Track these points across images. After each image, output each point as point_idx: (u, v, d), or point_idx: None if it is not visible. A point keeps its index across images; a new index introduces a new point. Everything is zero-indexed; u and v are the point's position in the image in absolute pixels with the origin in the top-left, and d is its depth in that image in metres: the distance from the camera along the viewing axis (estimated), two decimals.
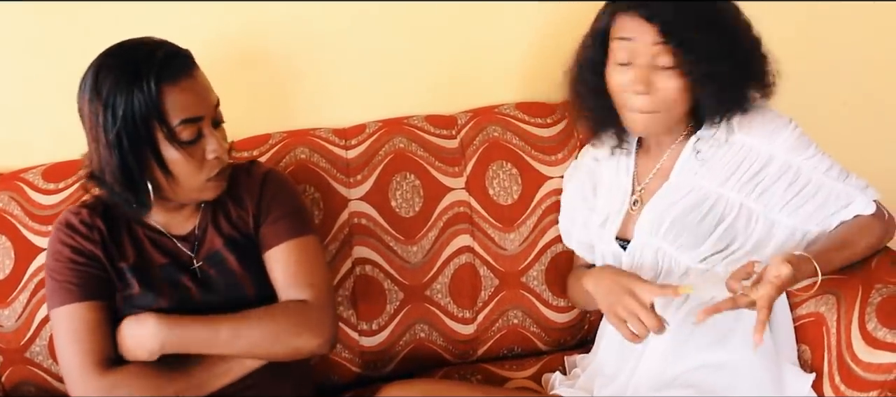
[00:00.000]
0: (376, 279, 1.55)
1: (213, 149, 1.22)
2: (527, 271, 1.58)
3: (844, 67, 1.83)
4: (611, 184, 1.45)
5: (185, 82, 1.19)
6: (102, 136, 1.17)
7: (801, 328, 1.34)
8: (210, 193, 1.27)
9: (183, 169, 1.20)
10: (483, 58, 1.69)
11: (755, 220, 1.29)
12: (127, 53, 1.19)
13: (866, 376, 1.19)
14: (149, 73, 1.15)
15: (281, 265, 1.29)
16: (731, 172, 1.30)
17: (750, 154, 1.30)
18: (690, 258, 1.31)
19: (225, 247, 1.30)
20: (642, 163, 1.43)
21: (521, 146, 1.59)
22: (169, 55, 1.19)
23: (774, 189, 1.29)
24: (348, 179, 1.55)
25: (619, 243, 1.39)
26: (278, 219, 1.31)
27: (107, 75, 1.17)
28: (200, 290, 1.29)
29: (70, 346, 1.21)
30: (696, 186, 1.32)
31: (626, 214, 1.40)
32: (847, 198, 1.30)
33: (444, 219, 1.56)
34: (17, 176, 1.53)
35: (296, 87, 1.66)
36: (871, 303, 1.23)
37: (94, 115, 1.17)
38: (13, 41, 1.54)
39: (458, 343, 1.61)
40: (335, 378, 1.60)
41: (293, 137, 1.59)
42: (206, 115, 1.22)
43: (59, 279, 1.24)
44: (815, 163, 1.30)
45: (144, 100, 1.15)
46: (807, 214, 1.29)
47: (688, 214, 1.30)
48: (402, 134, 1.60)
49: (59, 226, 1.28)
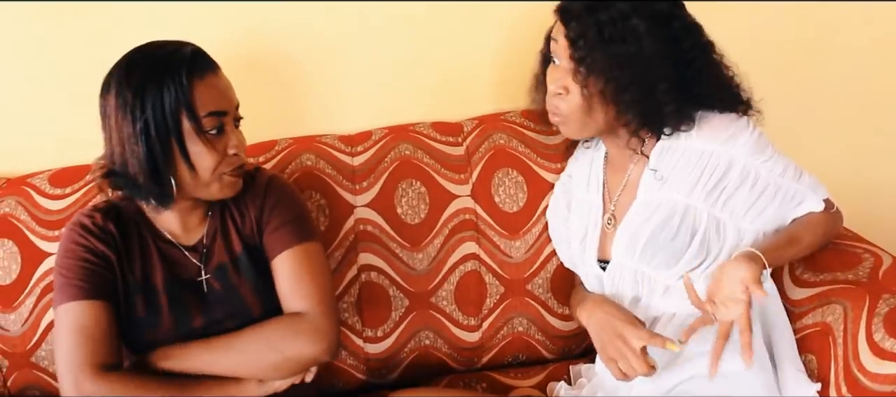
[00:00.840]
0: (382, 286, 1.55)
1: (234, 145, 1.25)
2: (532, 279, 1.58)
3: (845, 68, 1.83)
4: (582, 201, 1.46)
5: (212, 78, 1.23)
6: (129, 127, 1.19)
7: (807, 338, 1.34)
8: (227, 190, 1.28)
9: (205, 162, 1.22)
10: (489, 65, 1.69)
11: (724, 230, 1.30)
12: (156, 51, 1.22)
13: (873, 386, 1.18)
14: (180, 66, 1.19)
15: (282, 273, 1.29)
16: (695, 181, 1.30)
17: (711, 159, 1.30)
18: (668, 276, 1.32)
19: (232, 261, 1.31)
20: (611, 177, 1.43)
21: (527, 153, 1.58)
22: (197, 52, 1.24)
23: (737, 196, 1.29)
24: (354, 186, 1.55)
25: (599, 264, 1.40)
26: (280, 227, 1.31)
27: (136, 69, 1.20)
28: (202, 307, 1.29)
29: (69, 343, 1.21)
30: (663, 200, 1.32)
31: (601, 232, 1.40)
32: (801, 196, 1.34)
33: (450, 226, 1.56)
34: (24, 181, 1.54)
35: (302, 93, 1.66)
36: (878, 314, 1.22)
37: (121, 109, 1.19)
38: (20, 46, 1.54)
39: (463, 350, 1.61)
40: (340, 384, 1.59)
41: (299, 143, 1.59)
42: (230, 112, 1.25)
43: (68, 276, 1.24)
44: (771, 165, 1.31)
45: (176, 92, 1.18)
46: (768, 217, 1.32)
47: (661, 232, 1.30)
48: (408, 141, 1.60)
49: (73, 226, 1.29)
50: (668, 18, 1.25)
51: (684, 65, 1.27)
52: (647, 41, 1.23)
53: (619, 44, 1.22)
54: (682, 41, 1.26)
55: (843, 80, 1.82)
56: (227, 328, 1.27)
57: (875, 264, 1.32)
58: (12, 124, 1.59)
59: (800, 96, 1.54)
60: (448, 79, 1.69)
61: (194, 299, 1.29)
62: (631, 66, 1.23)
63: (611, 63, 1.23)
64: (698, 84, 1.28)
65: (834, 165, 1.46)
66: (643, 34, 1.22)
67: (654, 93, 1.25)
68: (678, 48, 1.26)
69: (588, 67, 1.24)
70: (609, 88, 1.25)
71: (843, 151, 1.84)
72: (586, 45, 1.23)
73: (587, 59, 1.24)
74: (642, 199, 1.34)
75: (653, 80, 1.25)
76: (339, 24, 1.62)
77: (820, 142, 1.34)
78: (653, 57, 1.23)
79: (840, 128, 1.86)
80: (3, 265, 1.47)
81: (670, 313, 1.34)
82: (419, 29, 1.65)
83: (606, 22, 1.22)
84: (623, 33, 1.22)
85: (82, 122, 1.27)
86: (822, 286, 1.34)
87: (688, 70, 1.27)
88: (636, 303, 1.36)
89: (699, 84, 1.28)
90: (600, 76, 1.24)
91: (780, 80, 1.36)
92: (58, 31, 1.54)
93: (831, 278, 1.34)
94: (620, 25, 1.22)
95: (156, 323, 1.27)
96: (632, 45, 1.22)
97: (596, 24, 1.23)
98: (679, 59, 1.26)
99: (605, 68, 1.23)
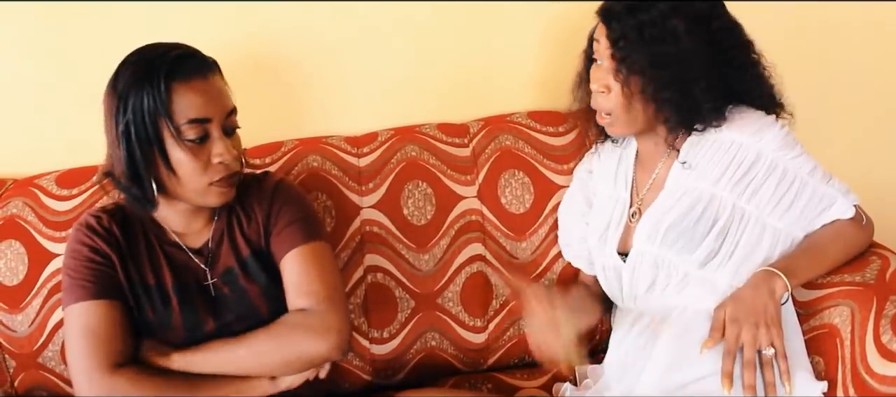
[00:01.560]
0: (388, 287, 1.55)
1: (218, 154, 1.22)
2: (538, 280, 1.57)
3: (845, 69, 1.83)
4: (609, 197, 1.46)
5: (197, 83, 1.20)
6: (113, 129, 1.20)
7: (815, 339, 1.33)
8: (214, 199, 1.26)
9: (187, 169, 1.21)
10: (495, 66, 1.70)
11: (747, 222, 1.30)
12: (145, 52, 1.21)
13: (881, 388, 1.18)
14: (160, 70, 1.17)
15: (290, 273, 1.29)
16: (723, 171, 1.31)
17: (740, 151, 1.31)
18: (688, 263, 1.32)
19: (239, 265, 1.31)
20: (639, 175, 1.44)
21: (533, 155, 1.58)
22: (182, 56, 1.21)
23: (764, 189, 1.30)
24: (360, 187, 1.55)
25: (618, 257, 1.40)
26: (287, 226, 1.31)
27: (125, 71, 1.20)
28: (212, 310, 1.29)
29: (80, 344, 1.21)
30: (689, 188, 1.33)
31: (625, 227, 1.41)
32: (830, 199, 1.33)
33: (456, 227, 1.56)
34: (31, 182, 1.54)
35: (308, 94, 1.66)
36: (885, 315, 1.22)
37: (109, 110, 1.21)
38: (27, 47, 1.55)
39: (469, 351, 1.61)
40: (346, 385, 1.59)
41: (305, 145, 1.59)
42: (216, 119, 1.21)
43: (75, 277, 1.25)
44: (800, 163, 1.32)
45: (154, 96, 1.17)
46: (794, 216, 1.32)
47: (684, 218, 1.31)
48: (414, 142, 1.60)
49: (79, 226, 1.29)
50: (708, 19, 1.28)
51: (724, 64, 1.29)
52: (687, 41, 1.25)
53: (658, 43, 1.24)
54: (722, 41, 1.29)
55: (851, 79, 1.82)
56: (237, 330, 1.27)
57: (882, 266, 1.32)
58: (21, 126, 1.59)
59: (809, 95, 1.53)
60: (454, 80, 1.69)
61: (203, 302, 1.29)
62: (670, 66, 1.25)
63: (650, 62, 1.25)
64: (737, 82, 1.31)
65: (842, 165, 1.45)
66: (682, 34, 1.25)
67: (693, 91, 1.27)
68: (718, 48, 1.28)
69: (628, 67, 1.26)
70: (649, 87, 1.27)
71: (851, 151, 1.84)
72: (627, 46, 1.26)
73: (627, 59, 1.26)
74: (668, 189, 1.35)
75: (691, 79, 1.27)
76: (345, 26, 1.62)
77: (829, 141, 1.34)
78: (692, 57, 1.26)
79: (848, 127, 1.86)
80: (10, 266, 1.47)
81: (682, 306, 1.33)
82: (425, 30, 1.65)
83: (647, 22, 1.24)
84: (662, 33, 1.24)
85: (90, 124, 1.28)
86: (829, 288, 1.34)
87: (727, 69, 1.29)
88: (651, 293, 1.36)
89: (738, 82, 1.31)
90: (640, 75, 1.27)
91: (789, 79, 1.36)
92: (65, 32, 1.54)
93: (838, 280, 1.33)
94: (660, 26, 1.24)
95: (167, 324, 1.27)
96: (671, 46, 1.25)
97: (636, 24, 1.25)
98: (718, 58, 1.28)
99: (645, 68, 1.26)
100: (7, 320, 1.47)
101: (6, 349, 1.49)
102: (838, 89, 1.82)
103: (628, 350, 1.39)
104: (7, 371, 1.50)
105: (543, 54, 1.68)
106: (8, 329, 1.48)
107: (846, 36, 1.79)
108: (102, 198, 1.47)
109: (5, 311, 1.47)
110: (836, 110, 1.83)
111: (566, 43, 1.61)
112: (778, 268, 1.26)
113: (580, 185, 1.54)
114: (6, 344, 1.49)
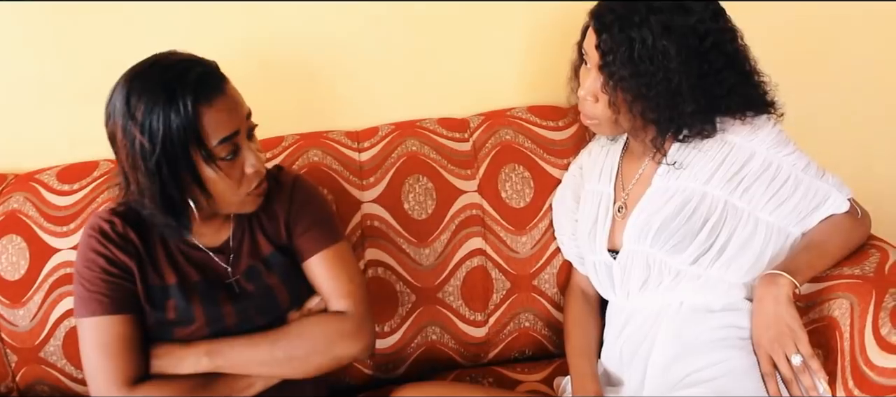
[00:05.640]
0: (389, 281, 1.56)
1: (252, 164, 1.20)
2: (539, 274, 1.58)
3: (845, 69, 1.84)
4: (592, 191, 1.46)
5: (220, 101, 1.15)
6: (142, 164, 1.13)
7: (813, 332, 1.34)
8: (251, 206, 1.26)
9: (222, 186, 1.19)
10: (495, 61, 1.70)
11: (739, 217, 1.31)
12: (158, 75, 1.13)
13: (880, 381, 1.18)
14: (184, 94, 1.11)
15: (320, 276, 1.30)
16: (715, 170, 1.31)
17: (732, 150, 1.31)
18: (679, 261, 1.32)
19: (261, 261, 1.30)
20: (627, 167, 1.44)
21: (534, 149, 1.59)
22: (202, 75, 1.14)
23: (757, 186, 1.30)
24: (361, 182, 1.55)
25: (609, 253, 1.40)
26: (310, 228, 1.31)
27: (139, 99, 1.12)
28: (236, 307, 1.27)
29: (97, 359, 1.20)
30: (679, 188, 1.33)
31: (612, 222, 1.41)
32: (824, 194, 1.34)
33: (457, 221, 1.56)
34: (32, 177, 1.54)
35: (309, 89, 1.66)
36: (884, 308, 1.22)
37: (129, 143, 1.13)
38: (29, 43, 1.55)
39: (469, 345, 1.61)
40: (348, 379, 1.60)
41: (306, 140, 1.59)
42: (242, 129, 1.19)
43: (91, 289, 1.22)
44: (793, 159, 1.32)
45: (182, 124, 1.11)
46: (787, 212, 1.32)
47: (674, 219, 1.31)
48: (414, 136, 1.60)
49: (92, 232, 1.25)
50: (701, 37, 1.25)
51: (715, 84, 1.28)
52: (676, 63, 1.23)
53: (647, 64, 1.24)
54: (714, 61, 1.27)
55: (850, 75, 1.82)
56: (258, 323, 1.27)
57: (881, 259, 1.32)
58: (22, 121, 1.59)
59: (808, 92, 1.55)
60: (454, 75, 1.70)
61: (226, 299, 1.28)
62: (657, 87, 1.25)
63: (639, 83, 1.25)
64: (727, 99, 1.30)
65: (840, 160, 1.46)
66: (672, 57, 1.23)
67: (681, 110, 1.27)
68: (708, 68, 1.27)
69: (616, 82, 1.27)
70: (636, 105, 1.28)
71: (849, 146, 1.85)
72: (616, 62, 1.25)
73: (615, 75, 1.26)
74: (656, 188, 1.35)
75: (679, 99, 1.26)
76: (346, 21, 1.62)
77: (827, 137, 1.34)
78: (680, 80, 1.24)
79: (847, 122, 1.87)
80: (11, 260, 1.47)
81: (678, 302, 1.34)
82: (425, 25, 1.65)
83: (637, 41, 1.23)
84: (652, 54, 1.23)
85: (91, 119, 1.27)
86: (828, 281, 1.34)
87: (716, 87, 1.28)
88: (645, 290, 1.37)
89: (728, 99, 1.30)
90: (627, 92, 1.27)
91: (789, 77, 1.36)
92: (66, 28, 1.54)
93: (838, 273, 1.34)
94: (651, 47, 1.23)
95: (189, 320, 1.25)
96: (660, 69, 1.24)
97: (627, 42, 1.23)
98: (708, 76, 1.27)
99: (632, 87, 1.26)
100: (8, 315, 1.48)
101: (8, 344, 1.49)
102: (837, 84, 1.82)
103: (624, 348, 1.39)
104: (9, 365, 1.51)
105: (543, 49, 1.69)
106: (9, 323, 1.48)
107: (845, 32, 1.79)
108: (106, 192, 1.47)
109: (7, 306, 1.47)
110: (835, 105, 1.84)
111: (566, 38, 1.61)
112: (781, 269, 1.26)
113: (570, 182, 1.55)
114: (8, 339, 1.49)
